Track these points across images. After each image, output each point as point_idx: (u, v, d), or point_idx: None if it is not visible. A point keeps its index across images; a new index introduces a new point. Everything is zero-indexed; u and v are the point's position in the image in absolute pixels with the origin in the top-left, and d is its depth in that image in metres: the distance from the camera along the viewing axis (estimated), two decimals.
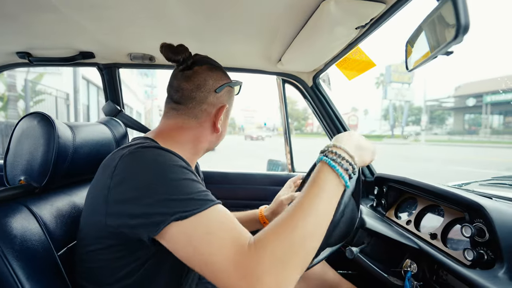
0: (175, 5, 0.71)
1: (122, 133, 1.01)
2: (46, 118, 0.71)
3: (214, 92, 0.67)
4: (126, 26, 0.86)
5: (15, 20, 0.82)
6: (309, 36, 0.80)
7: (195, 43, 0.97)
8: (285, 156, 1.43)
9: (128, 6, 0.73)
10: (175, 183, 0.48)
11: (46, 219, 0.67)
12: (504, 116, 17.87)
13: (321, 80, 1.22)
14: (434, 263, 0.70)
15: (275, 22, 0.79)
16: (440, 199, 0.83)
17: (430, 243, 0.77)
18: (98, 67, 1.24)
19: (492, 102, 17.69)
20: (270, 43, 0.96)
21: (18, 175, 0.70)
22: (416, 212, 0.91)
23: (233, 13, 0.75)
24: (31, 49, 1.09)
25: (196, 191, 0.49)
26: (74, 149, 0.75)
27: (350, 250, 0.68)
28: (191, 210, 0.46)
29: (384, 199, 1.07)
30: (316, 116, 1.32)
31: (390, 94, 24.99)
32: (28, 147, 0.70)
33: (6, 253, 0.55)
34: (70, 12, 0.76)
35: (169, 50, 0.65)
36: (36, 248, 0.62)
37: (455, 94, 23.70)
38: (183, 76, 0.67)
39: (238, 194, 1.39)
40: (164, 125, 0.68)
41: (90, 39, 0.98)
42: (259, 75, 1.27)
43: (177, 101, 0.67)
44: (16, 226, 0.60)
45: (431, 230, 0.80)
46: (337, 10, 0.63)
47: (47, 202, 0.71)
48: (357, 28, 0.72)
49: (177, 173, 0.50)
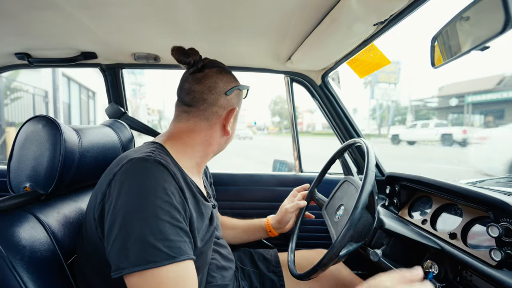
0: (180, 2, 0.69)
1: (128, 136, 0.98)
2: (52, 122, 0.68)
3: (224, 94, 0.68)
4: (130, 24, 0.83)
5: (14, 19, 0.78)
6: (324, 34, 0.78)
7: (201, 41, 0.95)
8: (293, 156, 1.40)
9: (133, 3, 0.70)
10: (150, 222, 0.49)
11: (53, 227, 0.64)
12: (484, 115, 18.64)
13: (330, 79, 1.20)
14: (458, 263, 0.69)
15: (287, 20, 0.77)
16: (458, 198, 0.81)
17: (450, 243, 0.75)
18: (100, 68, 1.20)
19: (473, 102, 18.42)
20: (279, 42, 0.93)
21: (23, 181, 0.67)
22: (431, 211, 0.89)
23: (242, 11, 0.73)
24: (31, 49, 1.05)
25: (167, 237, 0.49)
26: (81, 153, 0.72)
27: (374, 253, 0.66)
28: (153, 261, 0.47)
29: (396, 198, 1.05)
30: (325, 116, 1.30)
31: (377, 94, 25.35)
32: (33, 153, 0.67)
33: (15, 265, 0.52)
34: (71, 10, 0.72)
35: (180, 53, 0.66)
36: (45, 258, 0.59)
37: (439, 94, 24.44)
38: (194, 79, 0.68)
39: (246, 195, 1.36)
40: (175, 128, 0.69)
41: (92, 38, 0.94)
42: (247, 73, 1.26)
43: (188, 104, 0.68)
44: (25, 236, 0.57)
45: (449, 229, 0.78)
46: (358, 6, 0.61)
47: (53, 209, 0.68)
48: (375, 25, 0.70)
49: (158, 207, 0.50)
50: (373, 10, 0.63)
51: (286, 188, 1.36)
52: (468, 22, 0.47)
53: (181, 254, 0.49)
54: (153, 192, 0.50)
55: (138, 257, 0.46)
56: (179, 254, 0.49)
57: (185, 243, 0.51)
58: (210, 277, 0.75)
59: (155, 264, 0.47)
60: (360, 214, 0.61)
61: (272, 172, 1.44)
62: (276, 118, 51.42)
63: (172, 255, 0.48)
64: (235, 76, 0.74)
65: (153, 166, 0.53)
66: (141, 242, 0.47)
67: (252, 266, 0.98)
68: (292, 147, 1.40)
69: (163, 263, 0.47)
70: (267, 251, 1.06)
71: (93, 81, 10.77)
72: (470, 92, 18.40)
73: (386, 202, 1.10)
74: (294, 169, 1.44)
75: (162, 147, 0.63)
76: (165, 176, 0.53)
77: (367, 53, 0.88)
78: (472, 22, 0.46)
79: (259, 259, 1.00)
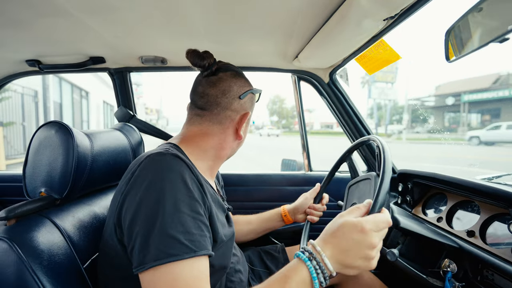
0: (188, 4, 0.69)
1: (137, 139, 0.99)
2: (64, 127, 0.69)
3: (238, 98, 0.68)
4: (137, 28, 0.83)
5: (25, 27, 0.79)
6: (332, 31, 0.77)
7: (208, 42, 0.95)
8: (302, 155, 1.39)
9: (140, 7, 0.70)
10: (171, 215, 0.48)
11: (69, 231, 0.65)
12: (481, 114, 18.44)
13: (338, 76, 1.18)
14: (478, 262, 0.67)
15: (294, 19, 0.76)
16: (475, 195, 0.79)
17: (468, 241, 0.73)
18: (109, 72, 1.21)
19: (469, 101, 18.33)
20: (286, 40, 0.92)
21: (38, 187, 0.68)
22: (446, 208, 0.87)
23: (248, 11, 0.72)
24: (41, 56, 1.07)
25: (188, 230, 0.49)
26: (93, 157, 0.73)
27: (392, 253, 0.65)
28: (174, 255, 0.46)
29: (409, 196, 1.03)
30: (334, 114, 1.29)
31: (374, 93, 25.16)
32: (47, 158, 0.68)
33: (35, 270, 0.53)
34: (79, 15, 0.73)
35: (195, 56, 0.66)
36: (63, 262, 0.60)
37: (435, 93, 24.23)
38: (208, 82, 0.67)
39: (255, 195, 1.36)
40: (188, 131, 0.68)
41: (101, 43, 0.95)
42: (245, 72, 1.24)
43: (202, 107, 0.67)
44: (43, 241, 0.58)
45: (467, 227, 0.76)
46: (368, 1, 0.59)
47: (68, 214, 0.69)
48: (385, 20, 0.69)
49: (178, 200, 0.49)
50: (383, 5, 0.61)
51: (296, 187, 1.35)
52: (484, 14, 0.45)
53: (201, 248, 0.49)
54: (173, 185, 0.50)
55: (160, 250, 0.46)
56: (200, 248, 0.48)
57: (206, 238, 0.51)
58: (229, 282, 0.75)
59: (176, 257, 0.46)
60: None
61: (281, 172, 1.43)
62: (274, 117, 51.27)
63: (193, 248, 0.47)
64: (248, 80, 0.73)
65: (171, 159, 0.53)
66: (162, 235, 0.47)
67: (261, 266, 0.99)
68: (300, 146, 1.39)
69: (183, 256, 0.46)
70: (274, 247, 1.06)
71: (86, 81, 10.67)
72: (466, 90, 18.50)
73: (399, 200, 1.08)
74: (303, 168, 1.43)
75: (178, 147, 0.63)
76: (183, 168, 0.53)
77: (376, 49, 0.87)
78: (488, 13, 0.44)
79: (267, 259, 1.01)
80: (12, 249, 0.53)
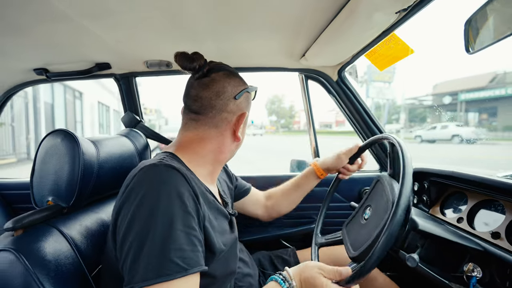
0: (191, 5, 0.67)
1: (143, 145, 0.98)
2: (70, 135, 0.68)
3: (233, 99, 0.65)
4: (139, 32, 0.82)
5: (29, 34, 0.80)
6: (341, 27, 0.73)
7: (212, 43, 0.93)
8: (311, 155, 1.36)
9: (143, 10, 0.69)
10: (164, 231, 0.47)
11: (76, 240, 0.65)
12: (478, 113, 18.31)
13: (347, 73, 1.15)
14: (506, 266, 0.62)
15: (301, 15, 0.73)
16: (498, 193, 0.75)
17: (493, 243, 0.69)
18: (115, 77, 1.21)
19: (466, 100, 18.36)
20: (293, 38, 0.90)
21: (45, 195, 0.68)
22: (467, 208, 0.83)
23: (253, 8, 0.70)
24: (48, 64, 1.07)
25: (181, 247, 0.47)
26: (99, 165, 0.73)
27: (412, 259, 0.61)
28: (165, 275, 0.45)
29: (426, 195, 0.99)
30: (344, 113, 1.25)
31: (372, 92, 25.02)
32: (54, 167, 0.68)
33: (42, 280, 0.53)
34: (80, 20, 0.72)
35: (183, 59, 0.64)
36: (70, 271, 0.59)
37: (432, 92, 24.07)
38: (200, 84, 0.65)
39: None
40: (184, 137, 0.66)
41: (105, 48, 0.95)
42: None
43: (196, 111, 0.65)
44: (50, 251, 0.57)
45: (491, 228, 0.72)
46: None
47: (75, 222, 0.69)
48: (397, 13, 0.65)
49: (172, 214, 0.48)
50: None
51: None
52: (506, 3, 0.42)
53: (193, 266, 0.48)
54: (167, 199, 0.49)
55: (149, 270, 0.45)
56: (191, 266, 0.47)
57: (198, 253, 0.50)
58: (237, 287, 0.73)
59: (167, 277, 0.45)
60: (399, 226, 0.53)
61: (291, 173, 1.40)
62: (273, 117, 51.11)
63: (184, 266, 0.47)
64: (242, 78, 0.70)
65: (164, 171, 0.52)
66: (153, 253, 0.46)
67: (272, 269, 0.97)
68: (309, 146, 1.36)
69: (175, 276, 0.45)
70: (285, 251, 1.04)
71: (79, 82, 10.22)
72: (463, 89, 18.49)
73: (415, 200, 1.04)
74: None
75: (174, 155, 0.62)
76: (177, 179, 0.52)
77: (387, 43, 0.83)
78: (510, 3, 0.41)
79: (278, 262, 0.99)
80: (19, 260, 0.52)
